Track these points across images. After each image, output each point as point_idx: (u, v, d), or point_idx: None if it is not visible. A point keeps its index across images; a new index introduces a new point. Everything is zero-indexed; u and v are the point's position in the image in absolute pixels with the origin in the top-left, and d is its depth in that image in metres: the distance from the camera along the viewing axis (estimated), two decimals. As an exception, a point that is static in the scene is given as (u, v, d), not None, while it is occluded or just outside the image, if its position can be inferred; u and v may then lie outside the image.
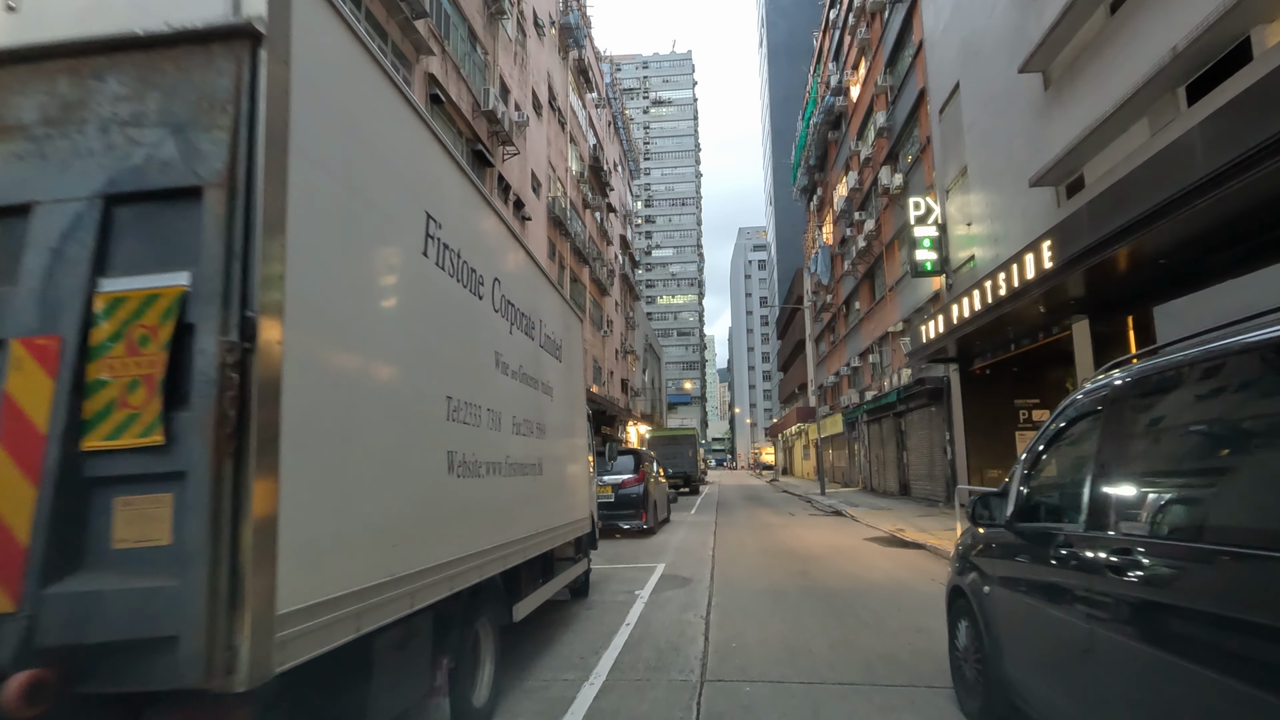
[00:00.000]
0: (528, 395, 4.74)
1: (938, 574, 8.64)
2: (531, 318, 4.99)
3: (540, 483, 4.95)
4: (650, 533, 13.72)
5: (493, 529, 3.84)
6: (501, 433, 4.04)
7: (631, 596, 7.37)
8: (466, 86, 18.95)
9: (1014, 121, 14.67)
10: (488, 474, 3.76)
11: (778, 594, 7.32)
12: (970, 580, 3.70)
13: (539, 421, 5.00)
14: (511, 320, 4.44)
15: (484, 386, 3.80)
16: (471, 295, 3.67)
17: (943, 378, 19.35)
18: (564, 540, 5.74)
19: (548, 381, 5.36)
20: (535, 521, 4.75)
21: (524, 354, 4.70)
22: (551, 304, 5.77)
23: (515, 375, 4.43)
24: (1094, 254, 9.49)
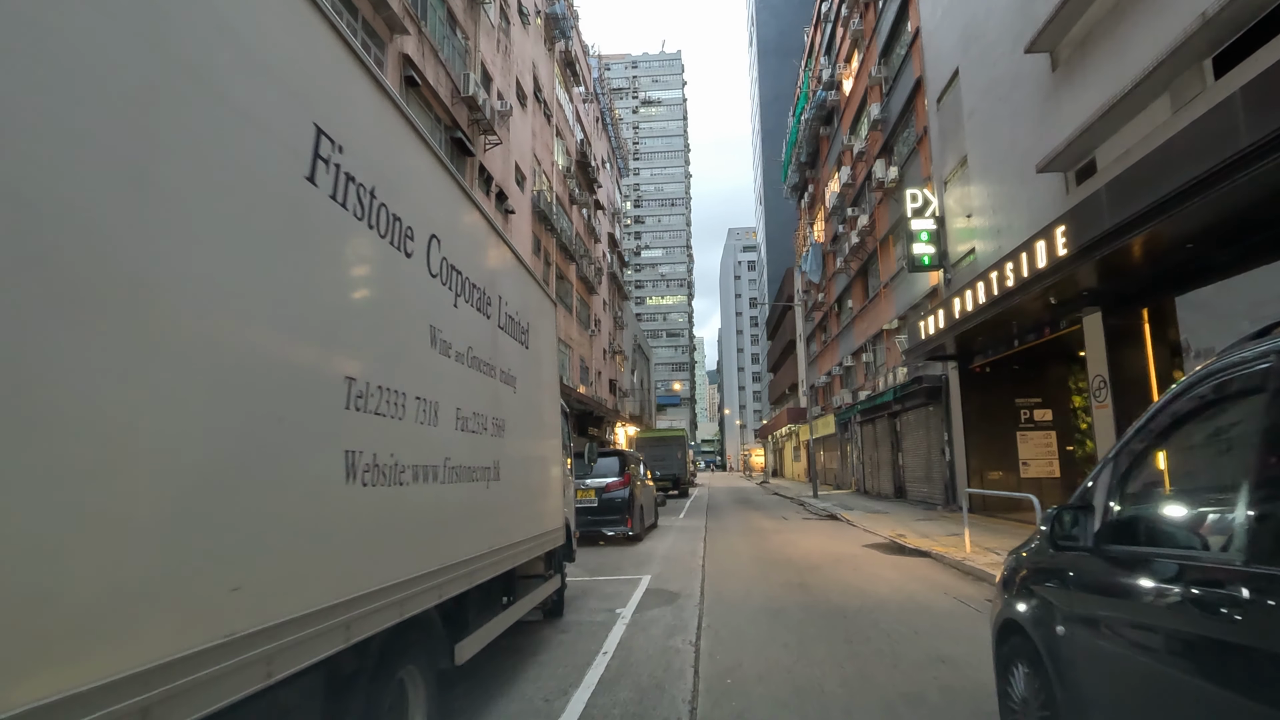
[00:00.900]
0: (480, 384, 3.91)
1: (949, 586, 7.87)
2: (488, 292, 4.16)
3: (498, 490, 4.11)
4: (636, 539, 12.90)
5: (424, 551, 3.01)
6: (439, 428, 3.20)
7: (612, 616, 6.54)
8: (445, 71, 18.08)
9: (1018, 106, 13.98)
10: (417, 481, 2.93)
11: (776, 612, 6.51)
12: (1030, 613, 2.91)
13: (497, 417, 4.17)
14: (457, 291, 3.60)
15: (412, 369, 2.97)
16: (394, 250, 2.84)
17: (941, 376, 18.66)
18: (530, 556, 4.91)
19: (509, 370, 4.53)
20: (489, 537, 3.92)
21: (475, 334, 3.87)
22: (516, 280, 4.94)
23: (462, 359, 3.60)
24: (1115, 239, 8.77)
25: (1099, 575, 2.44)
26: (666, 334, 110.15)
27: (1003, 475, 16.90)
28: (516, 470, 4.60)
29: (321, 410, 2.23)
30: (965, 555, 9.56)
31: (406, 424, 2.85)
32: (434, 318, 3.26)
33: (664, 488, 27.37)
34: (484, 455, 3.89)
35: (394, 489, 2.70)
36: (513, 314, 4.72)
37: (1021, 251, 11.08)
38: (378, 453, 2.57)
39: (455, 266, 3.58)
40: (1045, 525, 2.79)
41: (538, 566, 5.61)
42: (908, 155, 21.91)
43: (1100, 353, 11.33)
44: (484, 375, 3.98)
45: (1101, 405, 11.30)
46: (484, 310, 4.06)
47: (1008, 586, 3.26)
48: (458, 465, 3.43)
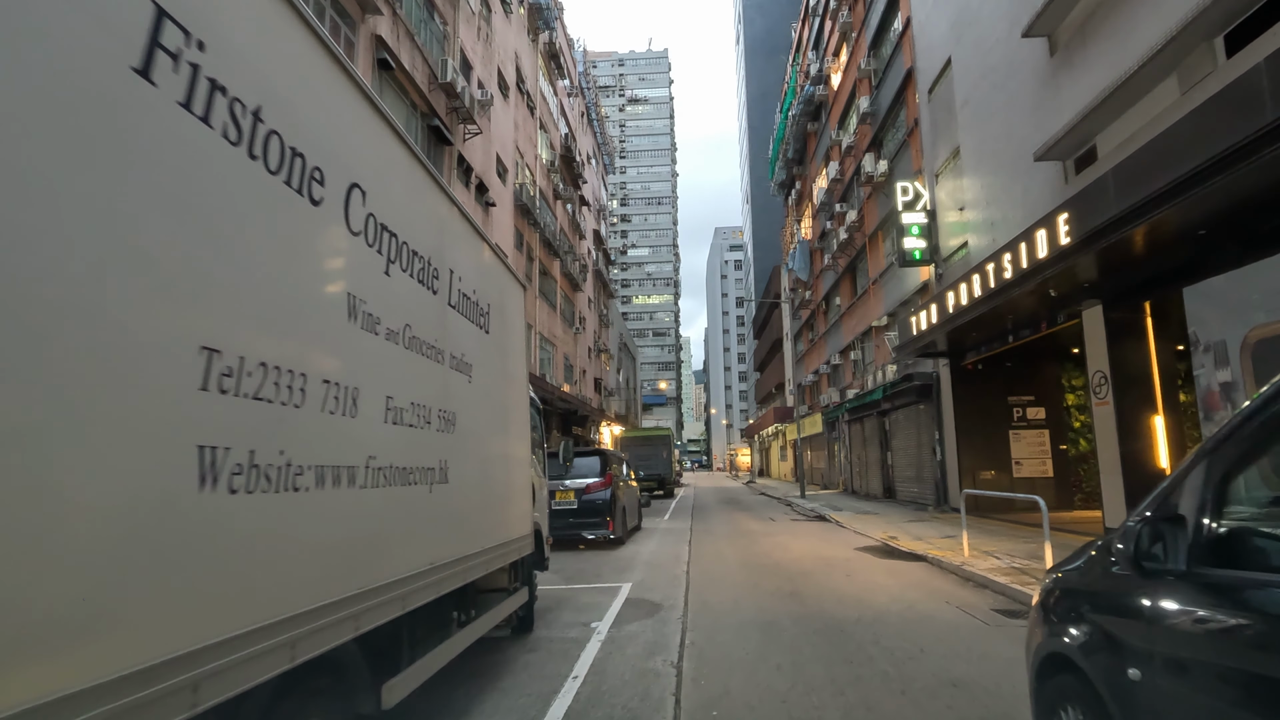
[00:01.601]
0: (423, 370, 3.30)
1: (950, 594, 7.35)
2: (434, 263, 3.55)
3: (445, 495, 3.51)
4: (618, 543, 12.31)
5: (333, 572, 2.40)
6: (359, 421, 2.60)
7: (586, 631, 5.94)
8: (422, 56, 17.38)
9: (1014, 94, 13.54)
10: (324, 485, 2.32)
11: (767, 626, 5.95)
12: (1087, 648, 2.35)
13: (445, 409, 3.57)
14: (391, 256, 3.00)
15: (318, 344, 2.36)
16: (291, 192, 2.23)
17: (932, 374, 18.23)
18: (490, 569, 4.30)
19: (463, 356, 3.92)
20: (432, 550, 3.32)
21: (416, 310, 3.27)
22: (474, 255, 4.34)
23: (395, 338, 2.99)
24: (1123, 225, 8.29)
25: (1197, 607, 1.88)
26: (653, 333, 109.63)
27: (995, 475, 16.49)
28: (472, 471, 4.00)
29: (154, 390, 1.62)
30: (964, 560, 9.07)
31: (307, 413, 2.24)
32: (355, 285, 2.65)
33: (649, 488, 26.81)
34: (426, 453, 3.28)
35: (284, 496, 2.09)
36: (468, 292, 4.12)
37: (1020, 241, 10.61)
38: (257, 449, 1.96)
39: (388, 227, 2.98)
40: (1120, 541, 2.23)
41: (501, 579, 5.01)
42: (897, 149, 21.47)
43: (1101, 348, 10.89)
44: (428, 360, 3.38)
45: (1102, 402, 10.86)
46: (428, 284, 3.45)
47: (1050, 612, 2.70)
48: (387, 465, 2.83)
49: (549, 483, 11.86)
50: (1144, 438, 10.45)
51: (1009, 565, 8.56)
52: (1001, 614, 6.43)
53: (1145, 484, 10.32)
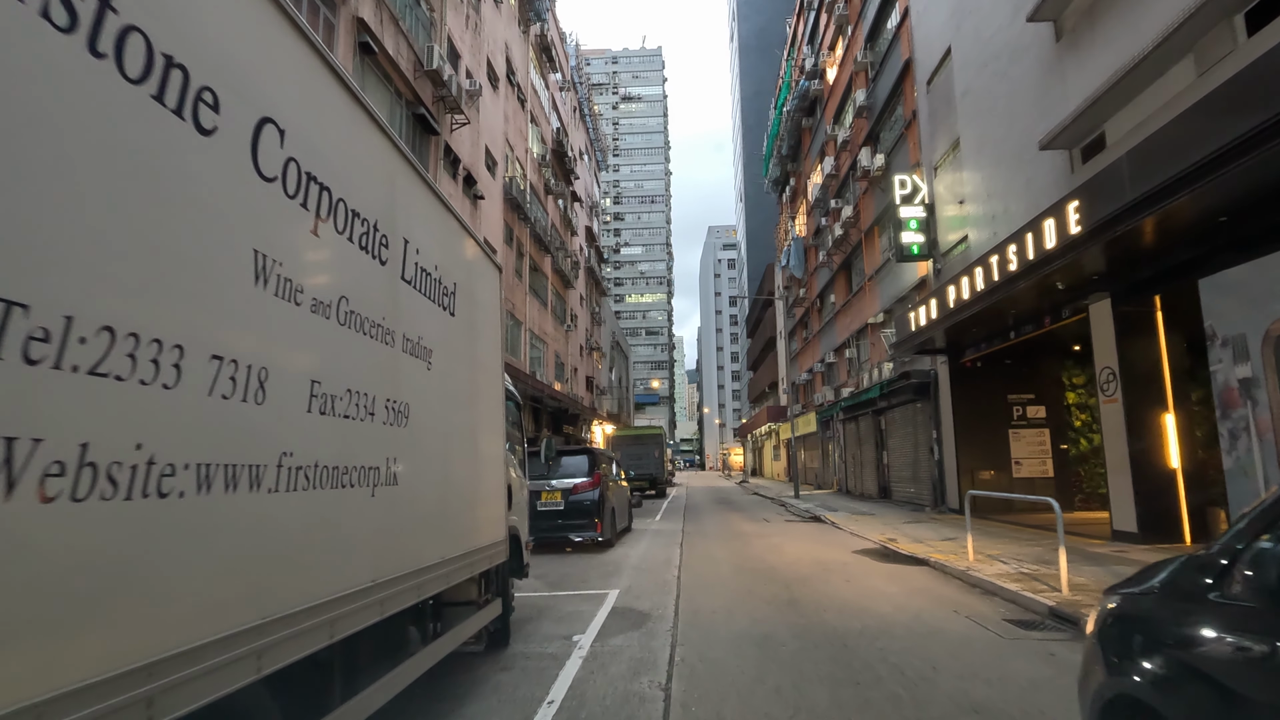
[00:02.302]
0: (363, 352, 2.80)
1: (958, 602, 6.90)
2: (384, 229, 3.06)
3: (393, 498, 3.01)
4: (607, 546, 11.81)
5: (230, 598, 1.91)
6: (267, 408, 2.10)
7: (567, 645, 5.45)
8: (407, 42, 16.83)
9: (1018, 82, 13.12)
10: (208, 489, 1.82)
11: (763, 639, 5.47)
12: (1172, 694, 1.88)
13: (395, 399, 3.07)
14: (321, 211, 2.50)
15: (204, 309, 1.86)
16: (161, 109, 1.73)
17: (929, 371, 17.81)
18: (453, 581, 3.80)
19: (420, 339, 3.43)
20: (376, 564, 2.82)
21: (356, 280, 2.77)
22: (437, 225, 3.84)
23: (325, 311, 2.50)
24: (1138, 212, 7.86)
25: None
26: (646, 332, 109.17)
27: (994, 475, 16.08)
28: (429, 471, 3.50)
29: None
30: (969, 564, 8.62)
31: (184, 397, 1.74)
32: (267, 241, 2.15)
33: (640, 488, 26.36)
34: (368, 450, 2.78)
35: (142, 504, 1.59)
36: (428, 268, 3.61)
37: (1026, 232, 10.18)
38: (93, 441, 1.46)
39: (317, 178, 2.48)
40: (1248, 566, 1.75)
41: (470, 591, 4.51)
42: (895, 142, 21.05)
43: (1109, 343, 10.47)
44: (372, 341, 2.88)
45: (1110, 399, 10.45)
46: (373, 251, 2.95)
47: (1114, 645, 2.22)
48: (310, 464, 2.33)
49: (533, 483, 11.39)
50: (1154, 436, 10.04)
51: (1017, 570, 8.12)
52: (1015, 625, 5.98)
53: (1155, 484, 9.92)
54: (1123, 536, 10.11)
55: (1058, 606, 6.21)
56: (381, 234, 3.04)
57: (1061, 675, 4.50)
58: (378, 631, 2.94)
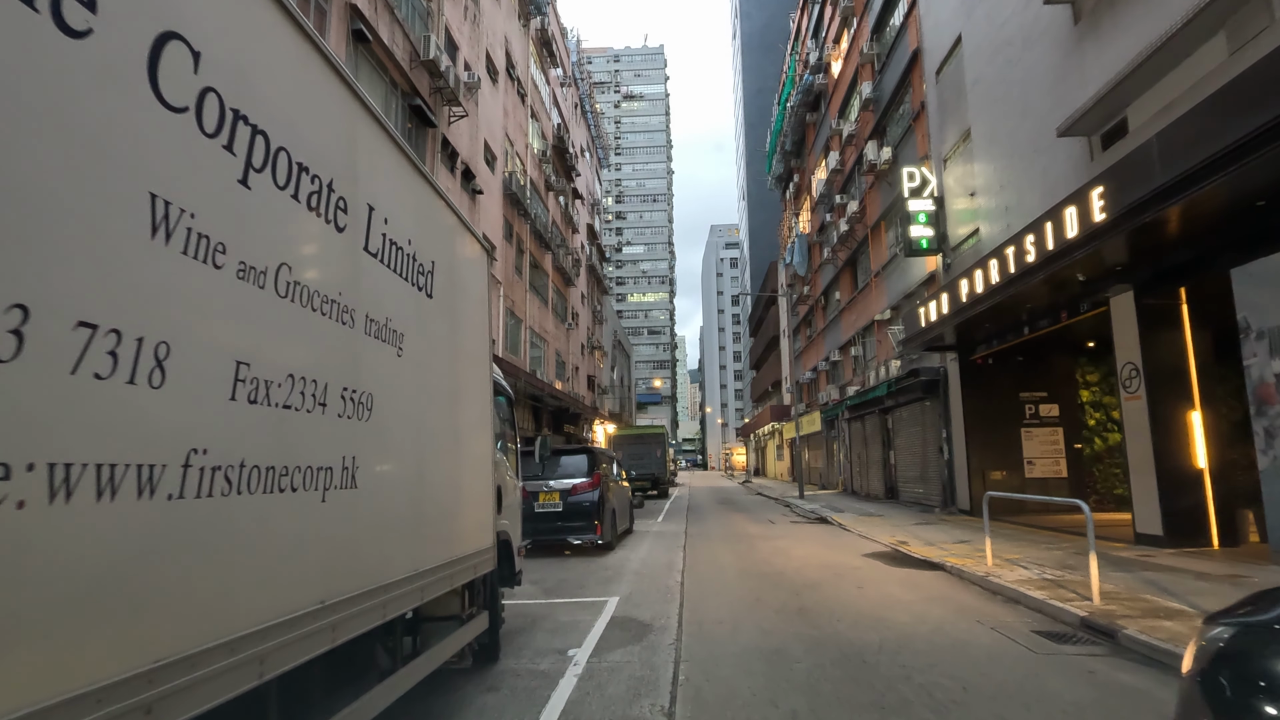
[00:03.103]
0: (313, 331, 2.38)
1: (980, 611, 6.46)
2: (342, 191, 2.63)
3: (353, 504, 2.58)
4: (607, 548, 11.38)
5: (107, 639, 1.47)
6: (166, 393, 1.67)
7: (561, 661, 5.02)
8: (403, 31, 16.41)
9: (1032, 68, 12.66)
10: (68, 497, 1.39)
11: (775, 654, 5.04)
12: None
13: (354, 388, 2.64)
14: (254, 160, 2.07)
15: (68, 259, 1.43)
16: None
17: (939, 369, 17.35)
18: (428, 596, 3.37)
19: (389, 321, 3.00)
20: (326, 582, 2.39)
21: (302, 245, 2.34)
22: (410, 193, 3.41)
23: (259, 279, 2.07)
24: (1170, 197, 7.41)
25: None
26: (648, 331, 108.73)
27: (1006, 475, 15.62)
28: (400, 471, 3.07)
29: None
30: (988, 569, 8.17)
31: (28, 373, 1.31)
32: (168, 185, 1.72)
33: (642, 488, 25.93)
34: (316, 447, 2.35)
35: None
36: (400, 241, 3.18)
37: (1046, 221, 9.73)
38: None
39: (249, 119, 2.05)
40: None
41: (451, 605, 4.08)
42: (902, 135, 20.59)
43: (1132, 338, 10.01)
44: (323, 318, 2.45)
45: (1133, 396, 9.99)
46: (326, 215, 2.52)
47: (1226, 692, 1.78)
48: (233, 463, 1.90)
49: (530, 483, 10.97)
50: (1180, 435, 9.59)
51: (1040, 577, 7.67)
52: (1045, 637, 5.53)
53: (1181, 485, 9.46)
54: (1146, 540, 9.66)
55: (1090, 617, 5.77)
56: (338, 196, 2.61)
57: (1107, 698, 4.07)
58: (338, 657, 2.52)
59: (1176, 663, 4.74)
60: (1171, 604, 6.12)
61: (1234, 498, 9.44)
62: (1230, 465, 9.51)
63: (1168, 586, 6.89)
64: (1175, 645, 4.89)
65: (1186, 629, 5.31)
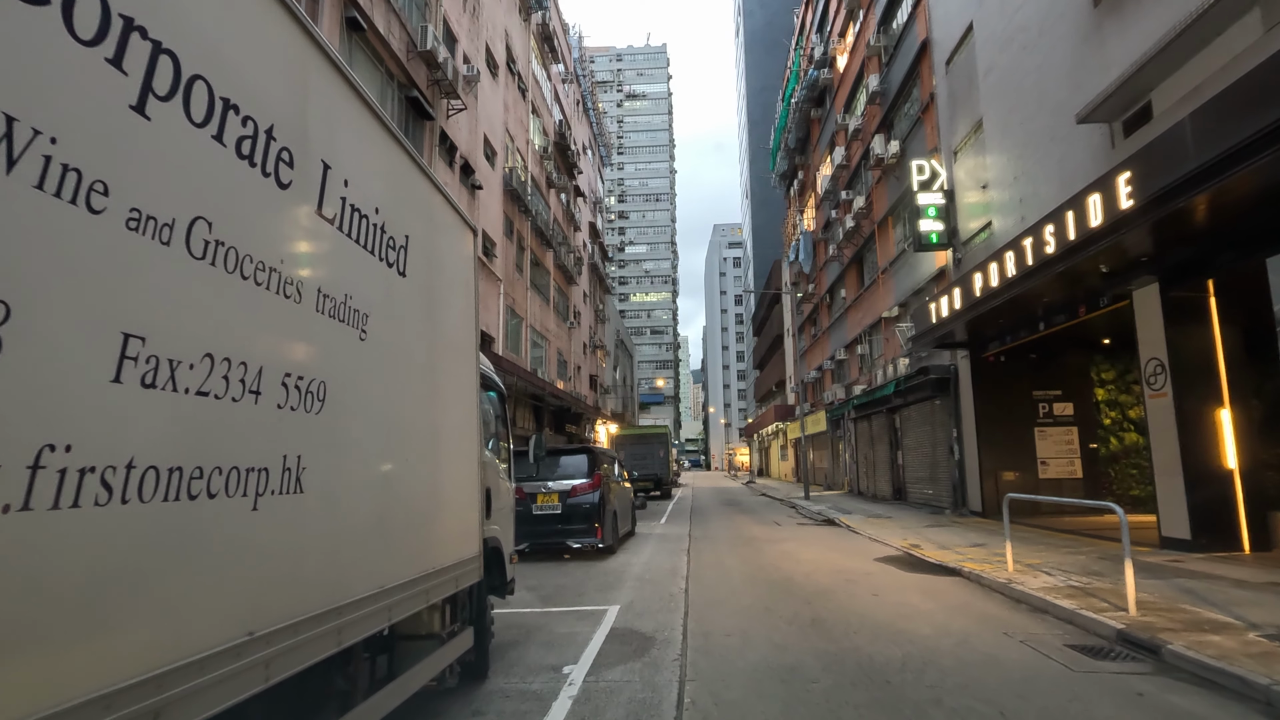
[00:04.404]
0: (243, 304, 1.96)
1: (1006, 621, 6.02)
2: (291, 144, 2.21)
3: (297, 512, 2.17)
4: (608, 552, 10.95)
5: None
6: (6, 374, 1.25)
7: (555, 680, 4.59)
8: (399, 21, 16.01)
9: (1048, 55, 12.22)
10: None
11: (790, 673, 4.61)
12: None
13: (301, 374, 2.23)
14: (151, 84, 1.66)
15: None
16: None
17: (949, 366, 16.89)
18: (398, 617, 2.95)
19: (349, 299, 2.58)
20: (259, 608, 1.97)
21: (227, 198, 1.92)
22: (379, 156, 2.99)
23: (164, 234, 1.65)
24: (1204, 182, 6.97)
25: None
26: (650, 331, 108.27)
27: (1018, 476, 15.16)
28: (362, 472, 2.65)
29: None
30: (1009, 576, 7.73)
31: None
32: (9, 94, 1.30)
33: (645, 489, 25.51)
34: (247, 443, 1.94)
35: None
36: (366, 210, 2.77)
37: (1066, 210, 9.29)
38: None
39: (143, 30, 1.63)
40: None
41: (430, 622, 3.66)
42: (910, 128, 20.14)
43: (1157, 332, 9.56)
44: (258, 289, 2.03)
45: (1158, 394, 9.54)
46: (265, 166, 2.10)
47: None
48: (116, 464, 1.48)
49: (529, 484, 10.55)
50: (1208, 434, 9.14)
51: (1065, 584, 7.23)
52: (1081, 652, 5.10)
53: (1210, 487, 9.01)
54: (1173, 544, 9.21)
55: (1129, 630, 5.33)
56: (281, 146, 2.19)
57: (1164, 726, 3.64)
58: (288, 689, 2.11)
59: (1231, 683, 4.31)
60: (1214, 615, 5.68)
61: (1265, 500, 8.99)
62: (1262, 466, 9.06)
63: (1206, 595, 6.44)
64: (1227, 663, 4.46)
65: (1237, 644, 4.88)
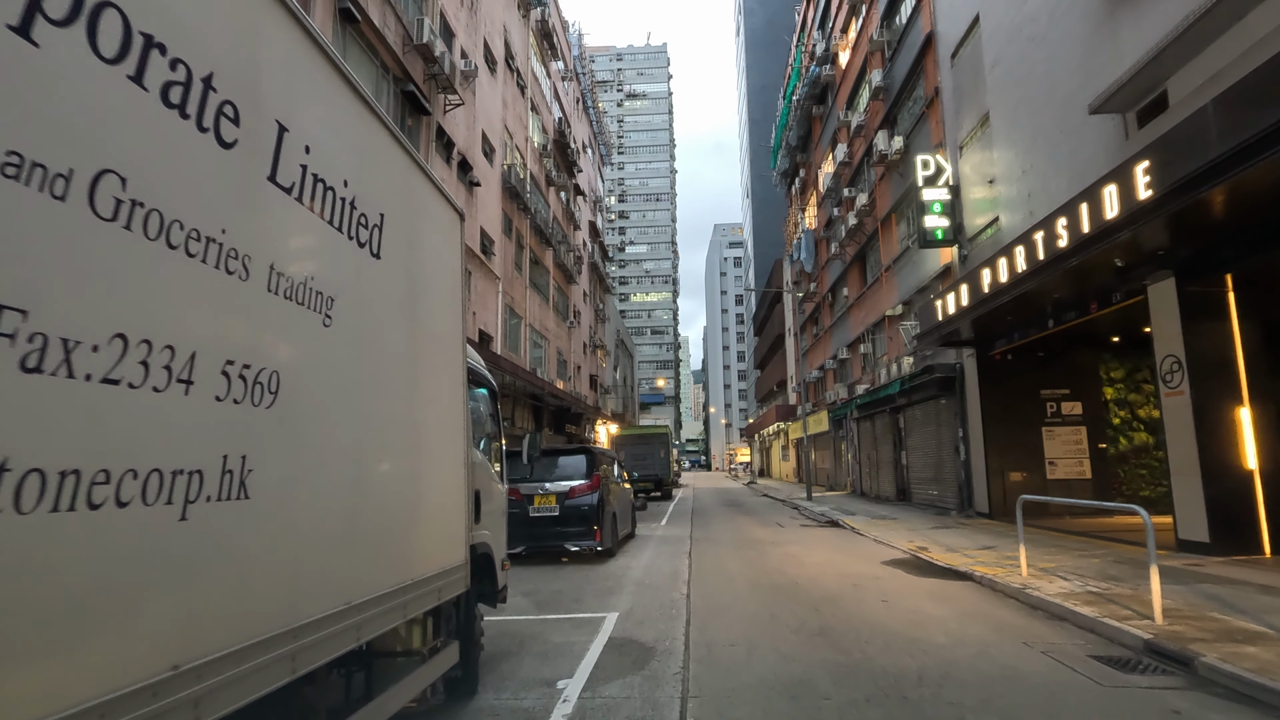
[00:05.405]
0: (170, 277, 1.67)
1: (1024, 630, 5.72)
2: (227, 90, 1.92)
3: (242, 523, 1.88)
4: (607, 555, 10.65)
5: None
6: None
7: (549, 696, 4.30)
8: (394, 13, 15.72)
9: (1058, 45, 11.92)
10: None
11: (799, 688, 4.31)
12: None
13: (247, 361, 1.94)
14: (42, 6, 1.35)
15: None
16: None
17: (955, 365, 16.59)
18: (370, 635, 2.65)
19: (310, 279, 2.29)
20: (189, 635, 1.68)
21: (148, 152, 1.63)
22: (347, 120, 2.69)
23: (43, 181, 1.35)
24: (1228, 170, 6.67)
25: None
26: (651, 331, 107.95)
27: (1026, 476, 14.87)
28: (323, 475, 2.36)
29: None
30: (1024, 580, 7.43)
31: None
32: None
33: (645, 489, 25.21)
34: (168, 442, 1.64)
35: None
36: (332, 181, 2.47)
37: (1080, 203, 8.99)
38: None
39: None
40: None
41: (410, 638, 3.36)
42: (914, 123, 19.84)
43: (1174, 328, 9.25)
44: (190, 260, 1.73)
45: (1175, 392, 9.23)
46: (201, 119, 1.81)
47: None
48: None
49: (525, 485, 10.25)
50: (1227, 433, 8.84)
51: (1083, 589, 6.93)
52: (1108, 664, 4.80)
53: (1229, 488, 8.70)
54: (1190, 547, 8.90)
55: (1157, 640, 5.03)
56: (224, 99, 1.90)
57: (1210, 751, 3.34)
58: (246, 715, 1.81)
59: (1273, 699, 4.02)
60: (1246, 624, 5.38)
61: (1288, 502, 8.69)
62: (1284, 466, 8.76)
63: (1233, 602, 6.14)
64: (1269, 678, 4.16)
65: (1274, 655, 4.58)
